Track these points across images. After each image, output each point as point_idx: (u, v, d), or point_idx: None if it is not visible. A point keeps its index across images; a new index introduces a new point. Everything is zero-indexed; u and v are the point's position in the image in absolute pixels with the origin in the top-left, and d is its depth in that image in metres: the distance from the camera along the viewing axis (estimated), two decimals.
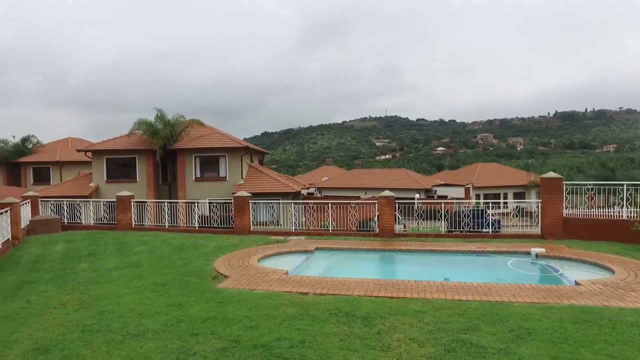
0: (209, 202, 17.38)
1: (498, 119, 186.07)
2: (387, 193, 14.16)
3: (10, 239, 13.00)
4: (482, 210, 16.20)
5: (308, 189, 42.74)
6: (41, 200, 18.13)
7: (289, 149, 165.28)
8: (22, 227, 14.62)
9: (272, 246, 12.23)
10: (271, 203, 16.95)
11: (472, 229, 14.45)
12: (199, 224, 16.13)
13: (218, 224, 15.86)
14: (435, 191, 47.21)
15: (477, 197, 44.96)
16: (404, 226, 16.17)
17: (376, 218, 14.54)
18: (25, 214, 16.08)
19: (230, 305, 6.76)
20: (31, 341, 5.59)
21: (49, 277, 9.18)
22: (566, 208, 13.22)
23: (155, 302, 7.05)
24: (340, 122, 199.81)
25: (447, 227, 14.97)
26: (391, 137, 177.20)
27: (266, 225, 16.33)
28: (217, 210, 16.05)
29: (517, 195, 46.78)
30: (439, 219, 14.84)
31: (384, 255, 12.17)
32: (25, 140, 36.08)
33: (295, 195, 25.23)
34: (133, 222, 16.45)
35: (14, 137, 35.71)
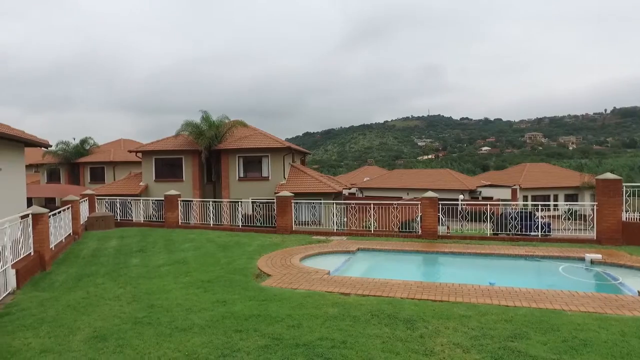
0: (252, 202, 17.74)
1: (548, 117, 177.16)
2: (430, 194, 13.90)
3: (71, 234, 13.87)
4: (530, 213, 15.52)
5: (349, 189, 42.62)
6: (97, 198, 19.20)
7: (331, 149, 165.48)
8: (81, 223, 15.55)
9: (314, 246, 12.31)
10: (313, 203, 17.06)
11: (519, 232, 13.89)
12: (243, 223, 16.49)
13: (261, 223, 16.16)
14: (480, 192, 45.72)
15: (525, 198, 43.12)
16: (448, 228, 15.78)
17: (419, 219, 14.30)
18: (84, 211, 17.09)
19: (273, 303, 6.88)
20: (91, 329, 5.96)
21: (104, 270, 9.72)
22: (626, 212, 12.42)
23: (201, 298, 7.29)
24: (381, 121, 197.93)
25: (493, 230, 14.47)
26: (434, 136, 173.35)
27: (308, 225, 16.45)
28: (260, 209, 16.36)
29: (568, 197, 44.43)
30: (484, 221, 14.37)
31: (426, 257, 11.95)
32: (83, 142, 38.33)
33: (337, 195, 25.24)
34: (180, 220, 17.07)
35: (74, 139, 38.05)
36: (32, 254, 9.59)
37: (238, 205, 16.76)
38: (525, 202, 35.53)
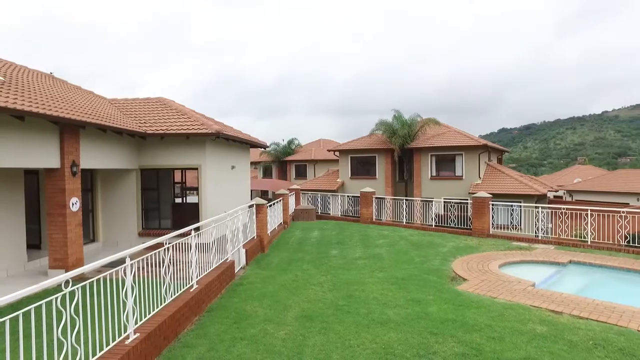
0: (444, 201, 17.23)
1: None
2: None
3: (282, 223, 16.02)
4: None
5: (555, 191, 37.30)
6: (302, 193, 21.66)
7: (531, 146, 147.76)
8: (289, 213, 17.80)
9: (514, 252, 11.22)
10: (513, 205, 15.54)
11: None
12: (435, 223, 16.17)
13: (455, 224, 15.55)
14: None
15: None
16: None
17: None
18: (292, 203, 19.50)
19: (470, 310, 6.54)
20: (300, 309, 6.76)
21: (309, 258, 10.88)
22: None
23: (395, 295, 7.45)
24: (599, 112, 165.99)
25: None
26: None
27: (505, 228, 15.09)
28: (454, 209, 15.76)
29: None
30: None
31: None
32: (290, 142, 44.00)
33: (540, 198, 22.40)
34: (373, 217, 17.80)
35: (282, 140, 44.12)
36: (255, 237, 11.45)
37: (430, 204, 16.51)
38: None
